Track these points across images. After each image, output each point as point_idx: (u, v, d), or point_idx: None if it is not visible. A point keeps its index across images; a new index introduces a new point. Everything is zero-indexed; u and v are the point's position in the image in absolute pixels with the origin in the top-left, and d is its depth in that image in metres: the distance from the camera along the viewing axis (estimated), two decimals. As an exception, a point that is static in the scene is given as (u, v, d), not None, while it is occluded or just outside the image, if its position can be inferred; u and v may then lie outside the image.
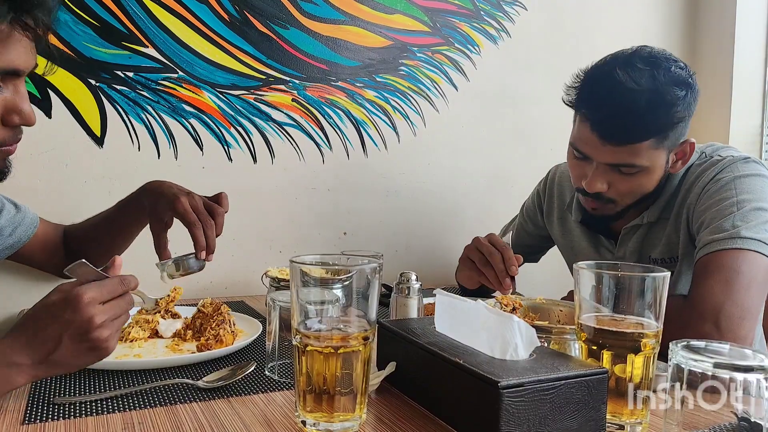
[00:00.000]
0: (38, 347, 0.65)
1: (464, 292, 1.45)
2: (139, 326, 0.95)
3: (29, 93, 0.81)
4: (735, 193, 1.02)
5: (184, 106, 1.39)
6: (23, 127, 0.77)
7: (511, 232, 1.32)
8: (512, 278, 1.12)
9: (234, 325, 0.96)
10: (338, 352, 0.60)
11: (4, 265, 1.15)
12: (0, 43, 0.70)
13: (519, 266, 1.12)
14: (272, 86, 1.48)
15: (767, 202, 1.01)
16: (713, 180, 1.06)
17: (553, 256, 1.48)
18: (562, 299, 1.05)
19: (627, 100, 0.98)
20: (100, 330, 0.67)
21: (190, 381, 0.76)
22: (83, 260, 0.70)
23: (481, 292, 1.31)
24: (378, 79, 1.61)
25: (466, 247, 1.23)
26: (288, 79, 1.50)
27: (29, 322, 0.67)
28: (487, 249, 1.15)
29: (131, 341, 0.92)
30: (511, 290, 1.11)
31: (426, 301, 1.05)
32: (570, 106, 1.09)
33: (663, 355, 0.61)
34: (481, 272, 1.16)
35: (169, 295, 1.01)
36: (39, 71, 0.81)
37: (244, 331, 0.99)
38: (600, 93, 1.02)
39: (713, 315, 0.92)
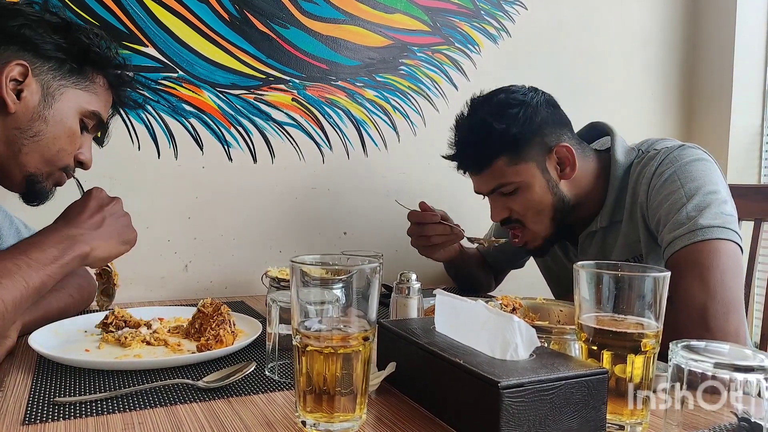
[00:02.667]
0: (85, 222, 0.83)
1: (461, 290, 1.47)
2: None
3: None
4: (680, 183, 1.02)
5: (184, 105, 1.39)
6: None
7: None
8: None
9: (234, 325, 0.96)
10: (338, 352, 0.60)
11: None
12: (107, 105, 0.97)
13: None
14: (272, 86, 1.48)
15: (714, 184, 1.02)
16: (656, 174, 1.06)
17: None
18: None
19: (459, 136, 1.17)
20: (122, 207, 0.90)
21: (190, 381, 0.75)
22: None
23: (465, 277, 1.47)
24: (378, 78, 1.61)
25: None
26: (288, 78, 1.50)
27: (69, 212, 0.85)
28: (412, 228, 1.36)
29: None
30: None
31: (427, 304, 1.04)
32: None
33: (663, 355, 0.61)
34: (422, 237, 1.34)
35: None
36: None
37: (244, 332, 0.99)
38: (452, 139, 1.20)
39: (700, 318, 0.92)
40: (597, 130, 1.24)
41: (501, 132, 1.09)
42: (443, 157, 1.22)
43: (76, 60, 0.89)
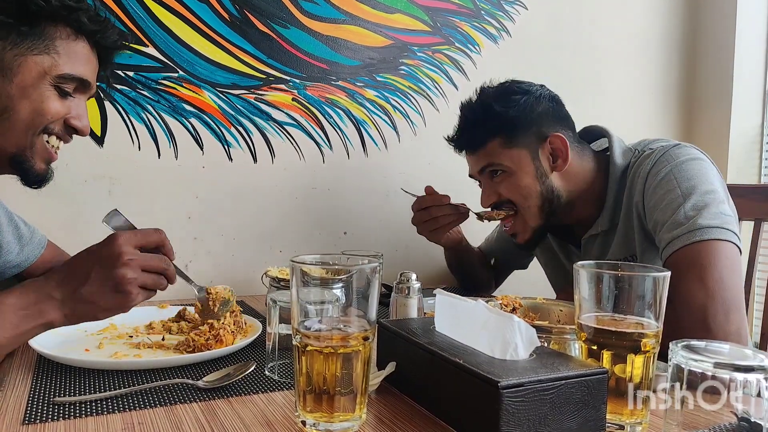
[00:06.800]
0: (69, 281, 0.71)
1: (462, 289, 1.47)
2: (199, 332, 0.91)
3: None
4: (676, 183, 1.02)
5: (184, 105, 1.39)
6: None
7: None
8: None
9: (245, 324, 0.97)
10: (338, 352, 0.60)
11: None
12: (82, 59, 0.86)
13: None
14: (272, 86, 1.48)
15: (710, 183, 1.01)
16: (651, 174, 1.06)
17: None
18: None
19: (464, 114, 1.20)
20: (126, 268, 0.71)
21: (190, 381, 0.75)
22: (116, 209, 0.79)
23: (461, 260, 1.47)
24: (378, 78, 1.61)
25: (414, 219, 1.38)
26: (288, 78, 1.49)
27: (68, 262, 0.74)
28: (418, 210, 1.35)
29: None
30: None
31: (427, 305, 1.04)
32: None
33: (663, 355, 0.61)
34: (430, 220, 1.33)
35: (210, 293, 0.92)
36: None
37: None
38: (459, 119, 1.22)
39: (700, 319, 0.91)
40: (593, 134, 1.24)
41: (499, 113, 1.13)
42: (446, 138, 1.25)
43: (22, 21, 0.80)
